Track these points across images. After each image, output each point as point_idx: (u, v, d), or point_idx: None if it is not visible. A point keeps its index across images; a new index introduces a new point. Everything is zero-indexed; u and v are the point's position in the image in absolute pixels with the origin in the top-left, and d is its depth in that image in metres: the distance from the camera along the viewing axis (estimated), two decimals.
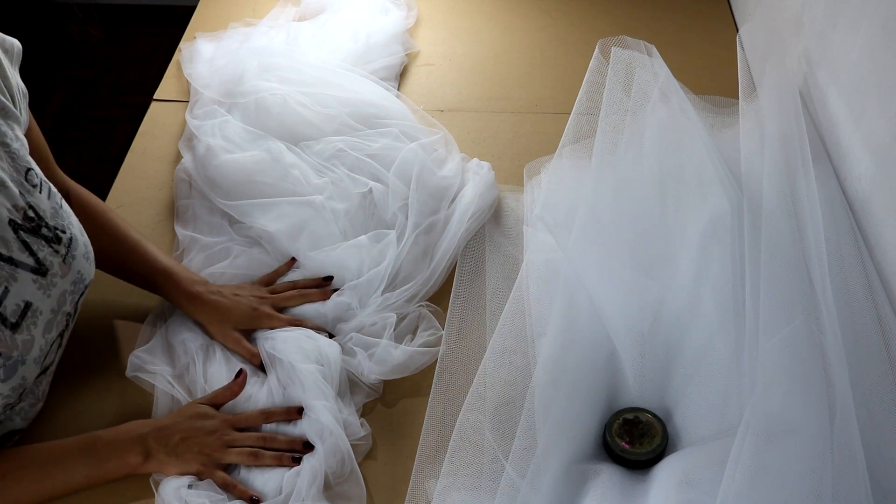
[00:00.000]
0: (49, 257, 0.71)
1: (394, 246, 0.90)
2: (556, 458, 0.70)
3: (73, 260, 0.74)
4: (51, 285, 0.71)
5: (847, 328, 0.73)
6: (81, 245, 0.76)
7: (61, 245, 0.72)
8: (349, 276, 0.89)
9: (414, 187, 0.95)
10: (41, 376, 0.75)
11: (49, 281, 0.71)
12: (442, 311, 0.88)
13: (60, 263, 0.72)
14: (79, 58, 2.32)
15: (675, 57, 0.98)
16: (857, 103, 0.86)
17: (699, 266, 0.80)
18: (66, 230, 0.74)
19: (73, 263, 0.74)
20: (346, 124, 1.03)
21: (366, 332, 0.84)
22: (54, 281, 0.71)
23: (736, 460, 0.62)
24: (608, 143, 0.90)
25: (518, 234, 0.94)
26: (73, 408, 0.82)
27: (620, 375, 0.78)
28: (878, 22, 0.81)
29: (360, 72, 1.11)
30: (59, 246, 0.72)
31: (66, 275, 0.73)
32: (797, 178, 0.84)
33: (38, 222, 0.70)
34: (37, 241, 0.70)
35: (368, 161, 0.98)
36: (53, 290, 0.72)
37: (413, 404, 0.82)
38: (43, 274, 0.70)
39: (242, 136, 1.02)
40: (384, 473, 0.77)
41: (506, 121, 1.13)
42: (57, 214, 0.73)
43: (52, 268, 0.71)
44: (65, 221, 0.74)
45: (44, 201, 0.72)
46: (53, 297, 0.72)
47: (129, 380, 0.83)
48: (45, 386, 0.79)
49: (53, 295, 0.72)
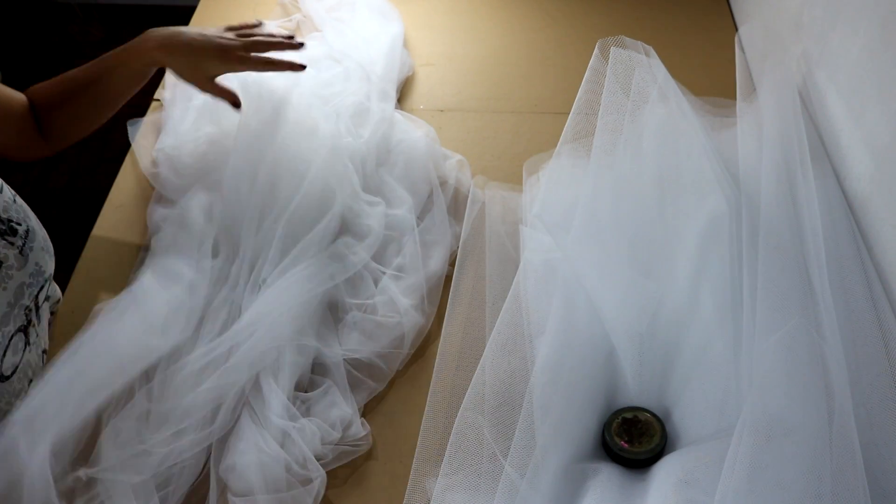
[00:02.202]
0: (3, 250, 0.71)
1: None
2: (555, 457, 0.70)
3: (31, 251, 0.74)
4: (6, 278, 0.72)
5: (846, 328, 0.73)
6: (40, 237, 0.76)
7: (17, 237, 0.73)
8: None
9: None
10: (7, 382, 0.74)
11: (4, 273, 0.71)
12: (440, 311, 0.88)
13: (17, 255, 0.72)
14: (79, 58, 2.32)
15: (674, 57, 0.98)
16: (857, 103, 0.86)
17: (697, 266, 0.80)
18: (22, 222, 0.74)
19: (30, 255, 0.74)
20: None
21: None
22: (10, 273, 0.72)
23: (734, 460, 0.62)
24: (607, 143, 0.90)
25: (517, 234, 0.94)
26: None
27: (619, 375, 0.78)
28: (878, 22, 0.81)
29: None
30: (14, 238, 0.72)
31: (24, 266, 0.73)
32: (796, 178, 0.84)
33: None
34: None
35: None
36: (10, 282, 0.72)
37: (412, 404, 0.82)
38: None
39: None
40: (383, 473, 0.77)
41: (506, 121, 1.13)
42: (10, 208, 0.73)
43: (6, 260, 0.72)
44: (20, 214, 0.74)
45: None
46: (10, 290, 0.72)
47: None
48: (17, 400, 0.77)
49: (10, 287, 0.72)
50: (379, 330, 0.84)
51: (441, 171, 1.02)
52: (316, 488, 0.73)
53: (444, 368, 0.83)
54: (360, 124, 1.03)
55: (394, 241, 0.93)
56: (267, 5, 1.32)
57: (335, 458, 0.76)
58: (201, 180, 0.98)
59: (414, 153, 1.02)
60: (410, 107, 1.16)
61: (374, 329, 0.84)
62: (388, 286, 0.88)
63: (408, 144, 1.03)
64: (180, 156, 1.00)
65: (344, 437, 0.77)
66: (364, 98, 1.06)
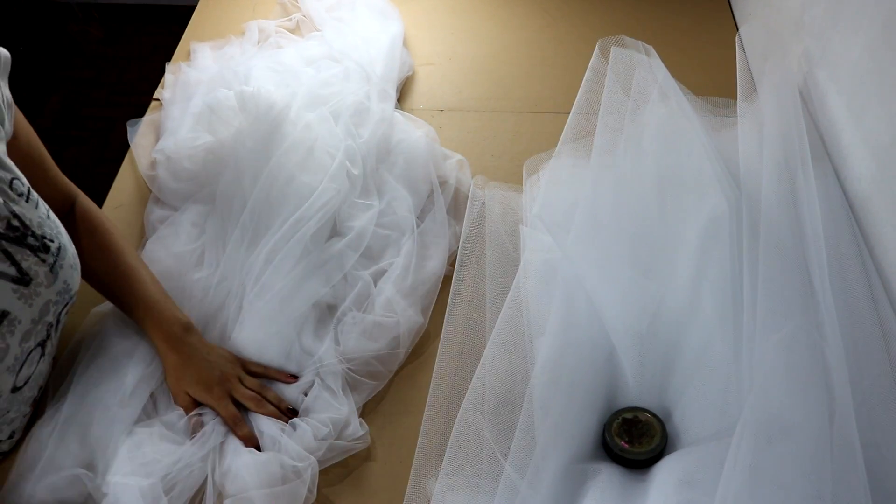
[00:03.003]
0: (34, 267, 0.71)
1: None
2: (556, 457, 0.70)
3: (61, 269, 0.73)
4: (34, 295, 0.71)
5: (846, 328, 0.73)
6: (70, 255, 0.75)
7: (49, 254, 0.72)
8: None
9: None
10: (18, 392, 0.74)
11: (32, 290, 0.71)
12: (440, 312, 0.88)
13: (47, 273, 0.72)
14: (79, 58, 2.32)
15: (674, 57, 0.98)
16: (857, 103, 0.86)
17: (698, 266, 0.80)
18: (55, 239, 0.73)
19: (60, 273, 0.73)
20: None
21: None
22: (38, 290, 0.71)
23: (734, 460, 0.62)
24: (607, 143, 0.90)
25: (517, 234, 0.94)
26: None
27: (619, 375, 0.78)
28: (879, 22, 0.81)
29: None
30: (46, 255, 0.72)
31: (52, 284, 0.73)
32: (797, 178, 0.84)
33: (23, 231, 0.70)
34: (21, 250, 0.70)
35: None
36: (36, 299, 0.71)
37: (412, 404, 0.82)
38: (25, 284, 0.70)
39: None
40: (383, 473, 0.77)
41: (506, 121, 1.13)
42: (44, 224, 0.73)
43: (36, 277, 0.71)
44: (53, 231, 0.74)
45: (30, 210, 0.72)
46: (36, 307, 0.71)
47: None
48: (26, 407, 0.78)
49: (36, 305, 0.71)
50: (377, 330, 0.84)
51: (441, 170, 1.02)
52: (308, 478, 0.73)
53: (444, 368, 0.83)
54: (360, 124, 1.03)
55: (393, 241, 0.93)
56: (267, 5, 1.32)
57: (330, 453, 0.76)
58: (197, 192, 0.98)
59: (414, 153, 1.02)
60: (410, 107, 1.16)
61: (373, 329, 0.84)
62: (387, 286, 0.88)
63: (408, 144, 1.03)
64: (179, 159, 1.00)
65: (341, 437, 0.77)
66: (364, 98, 1.06)
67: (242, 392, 0.80)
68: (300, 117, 0.98)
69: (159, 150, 1.02)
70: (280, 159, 0.94)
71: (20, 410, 0.76)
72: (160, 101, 1.13)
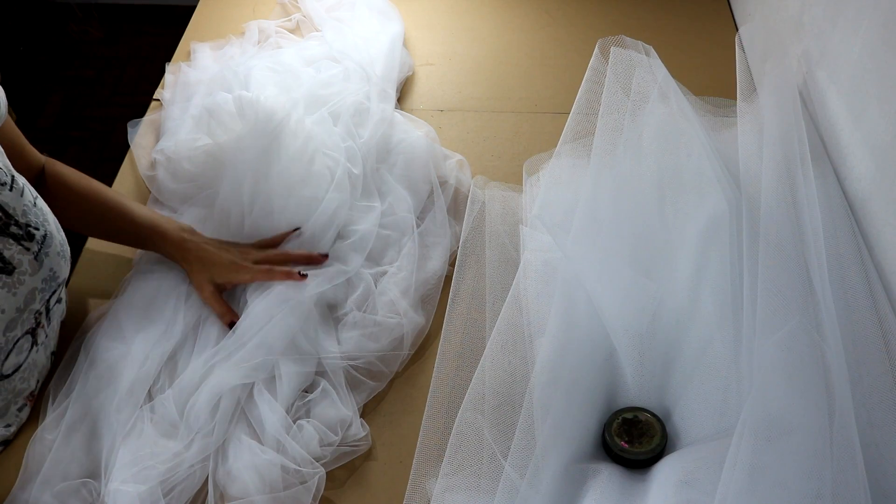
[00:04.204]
0: (17, 255, 0.71)
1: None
2: (556, 457, 0.70)
3: (46, 257, 0.74)
4: (17, 283, 0.71)
5: (846, 328, 0.73)
6: (57, 242, 0.75)
7: (33, 242, 0.72)
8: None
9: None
10: (6, 380, 0.74)
11: (15, 279, 0.71)
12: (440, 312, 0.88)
13: (31, 261, 0.72)
14: (79, 58, 2.32)
15: (674, 57, 0.98)
16: (857, 103, 0.86)
17: (698, 266, 0.80)
18: (41, 227, 0.73)
19: (45, 261, 0.74)
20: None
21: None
22: (22, 279, 0.71)
23: (734, 460, 0.62)
24: (607, 143, 0.90)
25: (517, 234, 0.94)
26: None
27: (619, 375, 0.78)
28: (878, 21, 0.81)
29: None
30: (30, 243, 0.72)
31: (37, 272, 0.73)
32: (796, 178, 0.84)
33: (5, 220, 0.70)
34: (3, 239, 0.70)
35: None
36: (20, 287, 0.71)
37: (412, 404, 0.82)
38: (8, 272, 0.70)
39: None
40: (383, 473, 0.77)
41: (506, 121, 1.13)
42: (30, 211, 0.73)
43: (20, 266, 0.71)
44: (39, 218, 0.74)
45: (14, 199, 0.71)
46: (20, 296, 0.72)
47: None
48: (21, 400, 0.77)
49: (20, 293, 0.72)
50: (379, 330, 0.84)
51: (441, 170, 1.02)
52: (314, 486, 0.73)
53: (444, 368, 0.83)
54: (360, 124, 1.03)
55: (394, 242, 0.93)
56: (267, 5, 1.32)
57: (334, 458, 0.76)
58: (196, 194, 0.98)
59: (414, 153, 1.02)
60: (410, 107, 1.16)
61: (374, 329, 0.84)
62: (388, 287, 0.88)
63: (408, 144, 1.03)
64: (179, 160, 1.00)
65: (343, 438, 0.77)
66: (364, 98, 1.06)
67: (257, 257, 0.88)
68: (301, 129, 0.97)
69: (159, 150, 1.02)
70: (281, 173, 0.93)
71: (12, 401, 0.76)
72: (160, 102, 1.14)
